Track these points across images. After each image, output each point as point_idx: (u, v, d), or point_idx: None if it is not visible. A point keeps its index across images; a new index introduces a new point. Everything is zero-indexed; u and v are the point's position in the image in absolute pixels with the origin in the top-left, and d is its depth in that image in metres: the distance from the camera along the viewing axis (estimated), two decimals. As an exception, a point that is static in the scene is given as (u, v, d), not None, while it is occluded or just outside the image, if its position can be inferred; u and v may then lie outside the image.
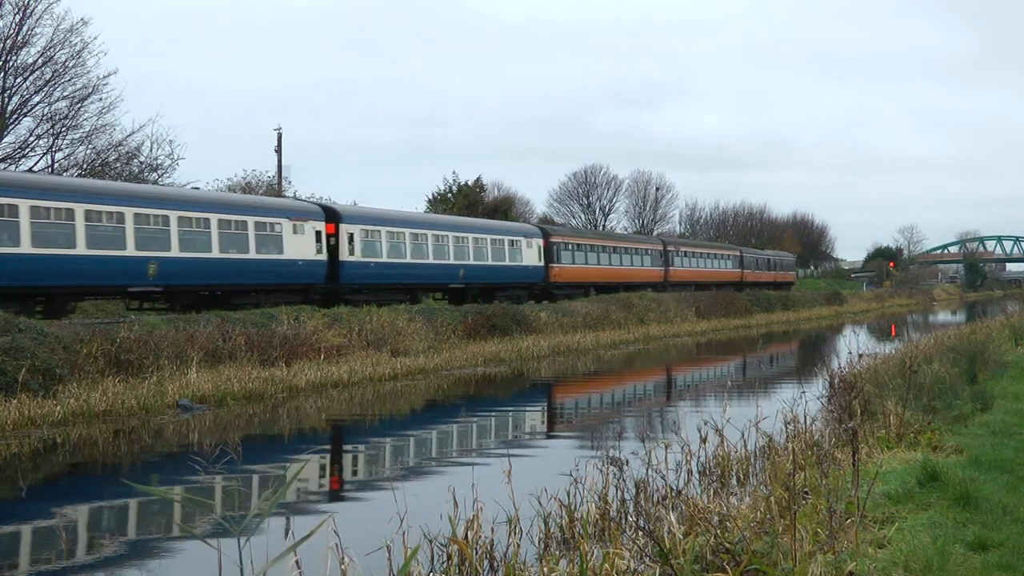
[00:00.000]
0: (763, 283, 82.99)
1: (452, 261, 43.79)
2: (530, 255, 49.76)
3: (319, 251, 36.04)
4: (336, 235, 37.01)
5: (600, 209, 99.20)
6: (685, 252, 70.49)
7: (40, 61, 40.11)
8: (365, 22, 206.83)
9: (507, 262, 47.63)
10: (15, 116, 40.25)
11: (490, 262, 46.21)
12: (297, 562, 6.29)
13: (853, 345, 22.27)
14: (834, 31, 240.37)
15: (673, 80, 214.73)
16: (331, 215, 37.42)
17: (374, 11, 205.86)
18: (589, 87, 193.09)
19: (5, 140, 40.14)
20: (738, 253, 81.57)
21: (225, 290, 32.86)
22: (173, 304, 31.21)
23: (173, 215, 30.50)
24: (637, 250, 63.04)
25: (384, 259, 39.61)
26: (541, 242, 50.81)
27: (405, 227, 41.48)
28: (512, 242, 48.43)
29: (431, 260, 42.53)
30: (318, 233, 36.02)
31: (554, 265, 51.65)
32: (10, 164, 39.21)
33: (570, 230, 61.77)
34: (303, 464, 15.85)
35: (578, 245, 55.67)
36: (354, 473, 16.38)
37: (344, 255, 37.21)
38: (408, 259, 41.09)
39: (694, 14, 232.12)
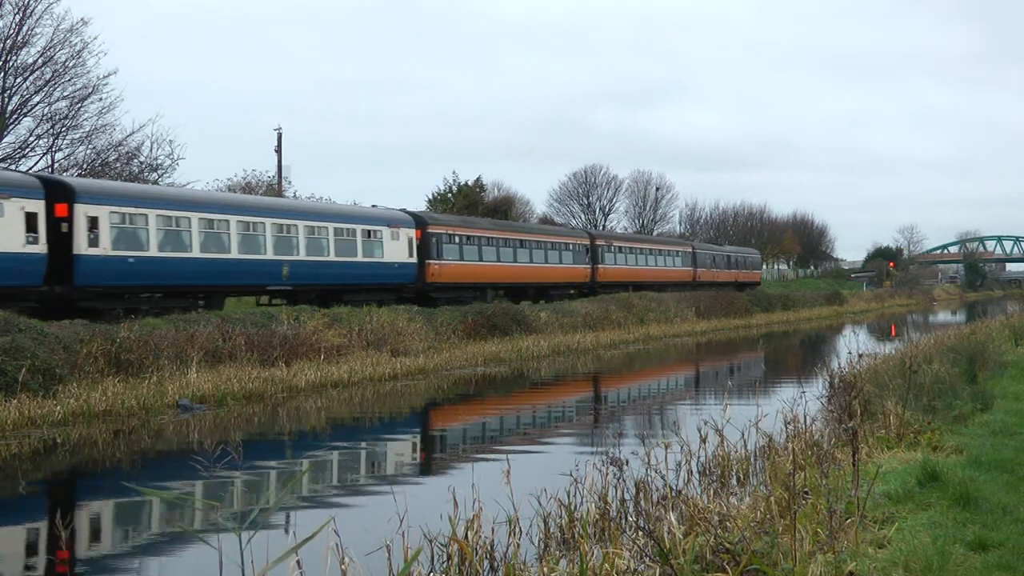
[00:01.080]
0: (721, 283, 73.37)
1: (270, 256, 34.45)
2: (396, 249, 40.10)
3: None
4: (70, 219, 27.75)
5: (600, 209, 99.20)
6: (619, 247, 60.51)
7: (40, 61, 40.11)
8: (365, 22, 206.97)
9: (359, 257, 38.75)
10: (15, 116, 40.25)
11: (331, 257, 37.29)
12: (298, 562, 6.29)
13: (853, 345, 22.28)
14: (834, 31, 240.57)
15: (673, 80, 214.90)
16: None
17: (374, 11, 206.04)
18: (589, 87, 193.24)
19: (5, 140, 40.16)
20: (690, 249, 72.34)
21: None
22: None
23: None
24: (553, 244, 52.76)
25: (149, 253, 29.79)
26: (413, 233, 41.17)
27: (190, 210, 31.45)
28: (369, 232, 39.32)
29: (235, 255, 33.04)
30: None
31: (433, 262, 43.12)
32: (10, 164, 39.20)
33: (457, 219, 49.56)
34: (307, 468, 15.84)
35: (467, 238, 46.10)
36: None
37: (81, 248, 27.73)
38: (194, 253, 31.37)
39: (694, 14, 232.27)
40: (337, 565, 7.20)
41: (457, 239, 45.09)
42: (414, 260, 41.11)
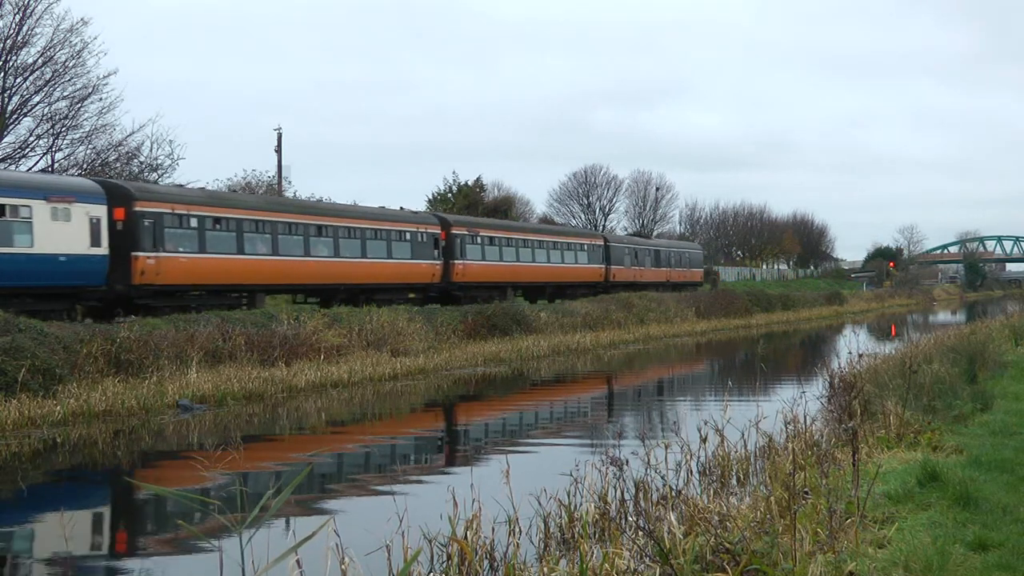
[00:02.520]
0: (646, 284, 61.00)
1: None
2: (68, 236, 26.92)
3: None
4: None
5: (600, 209, 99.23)
6: (490, 239, 46.13)
7: (40, 61, 40.11)
8: (365, 22, 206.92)
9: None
10: (15, 116, 40.24)
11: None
12: (298, 561, 6.29)
13: (853, 345, 22.28)
14: (834, 31, 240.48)
15: (673, 80, 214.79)
16: None
17: (374, 11, 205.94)
18: (589, 87, 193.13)
19: (5, 140, 40.16)
20: (601, 242, 58.58)
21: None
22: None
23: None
24: (377, 232, 38.54)
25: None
26: (102, 212, 28.09)
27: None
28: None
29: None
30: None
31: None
32: (10, 164, 39.20)
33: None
34: (308, 467, 15.84)
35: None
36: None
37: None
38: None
39: (694, 14, 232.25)
40: (337, 565, 7.20)
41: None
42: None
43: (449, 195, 71.48)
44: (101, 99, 41.85)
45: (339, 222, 37.21)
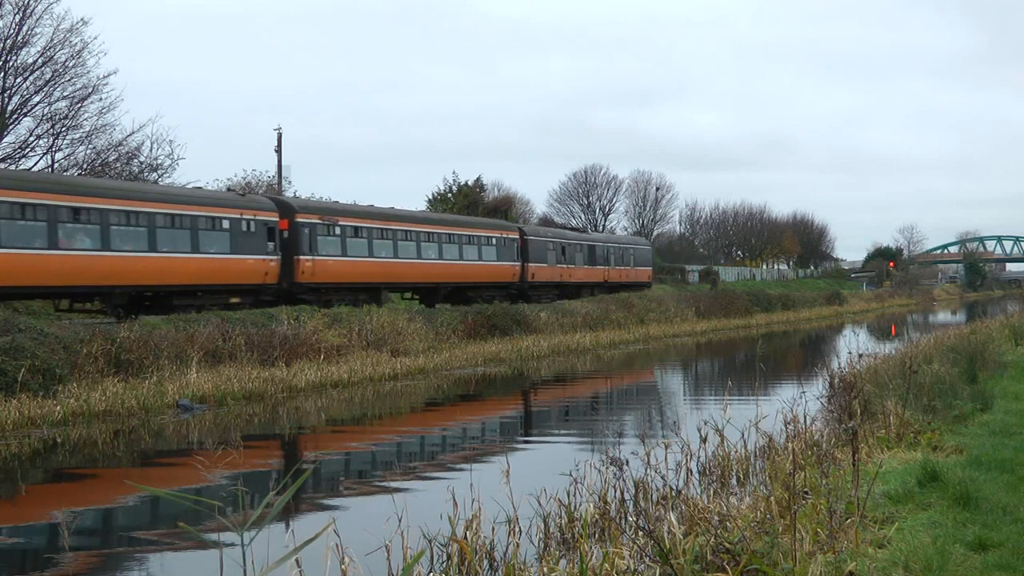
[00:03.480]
0: (576, 285, 53.55)
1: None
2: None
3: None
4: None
5: (600, 209, 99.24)
6: (355, 229, 37.47)
7: (40, 61, 40.05)
8: (364, 22, 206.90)
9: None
10: (15, 116, 40.20)
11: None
12: (297, 561, 6.29)
13: (853, 345, 22.28)
14: (834, 30, 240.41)
15: (673, 79, 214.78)
16: None
17: (373, 11, 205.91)
18: (589, 86, 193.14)
19: (5, 140, 40.12)
20: (515, 235, 48.38)
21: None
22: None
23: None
24: (176, 219, 30.57)
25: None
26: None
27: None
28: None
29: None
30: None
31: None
32: (10, 164, 39.18)
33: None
34: (311, 468, 15.84)
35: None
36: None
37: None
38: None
39: (694, 14, 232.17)
40: (337, 565, 7.20)
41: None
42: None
43: (449, 195, 71.47)
44: (101, 99, 41.81)
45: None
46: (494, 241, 46.41)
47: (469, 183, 72.76)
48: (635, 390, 28.58)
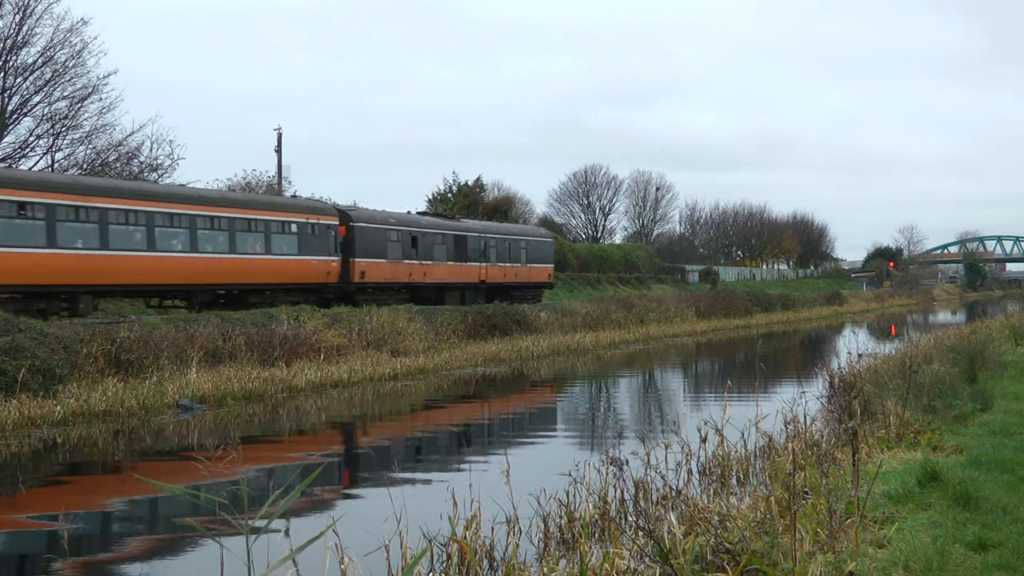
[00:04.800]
0: (436, 286, 42.70)
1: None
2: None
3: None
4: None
5: (600, 209, 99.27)
6: (25, 207, 25.96)
7: (40, 61, 40.08)
8: (364, 21, 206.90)
9: None
10: (15, 116, 40.22)
11: None
12: (294, 560, 6.29)
13: (853, 345, 22.28)
14: (834, 30, 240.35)
15: (673, 79, 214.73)
16: None
17: (373, 10, 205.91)
18: (589, 86, 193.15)
19: (5, 140, 40.13)
20: (332, 220, 36.81)
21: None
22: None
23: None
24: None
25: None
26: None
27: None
28: None
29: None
30: None
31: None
32: (10, 164, 39.18)
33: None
34: (318, 468, 15.85)
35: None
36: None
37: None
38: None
39: (694, 14, 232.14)
40: (337, 565, 7.20)
41: None
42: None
43: (449, 195, 71.50)
44: (101, 99, 41.84)
45: None
46: (293, 228, 34.97)
47: (469, 183, 72.79)
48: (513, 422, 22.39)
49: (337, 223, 37.16)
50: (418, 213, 49.37)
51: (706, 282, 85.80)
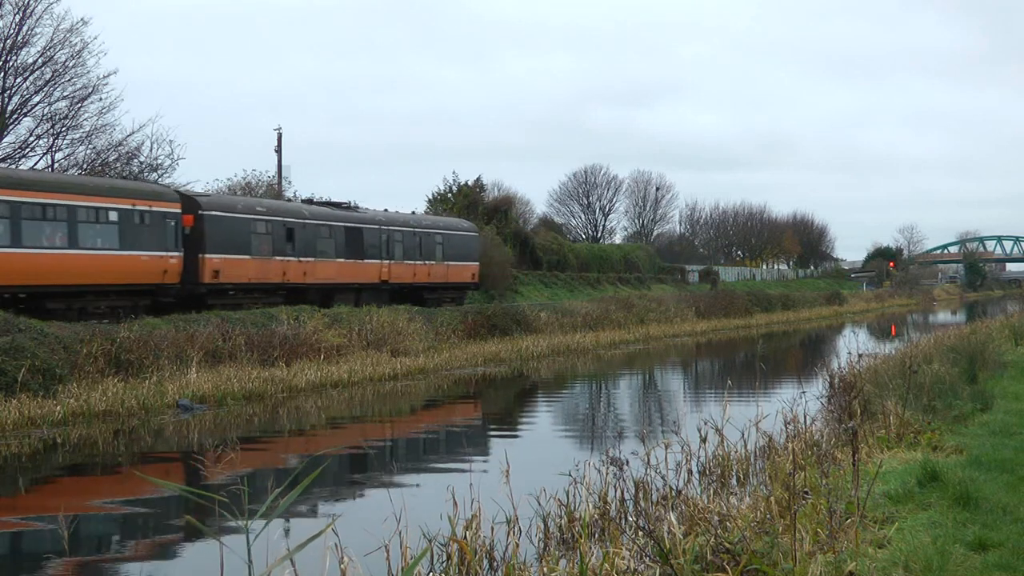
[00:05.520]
0: (322, 287, 36.58)
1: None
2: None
3: None
4: None
5: (600, 209, 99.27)
6: None
7: (40, 61, 40.05)
8: (364, 22, 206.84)
9: None
10: (15, 116, 40.20)
11: None
12: (292, 561, 6.28)
13: (853, 345, 22.28)
14: (834, 30, 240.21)
15: (673, 79, 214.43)
16: None
17: (374, 11, 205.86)
18: (589, 86, 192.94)
19: (5, 140, 40.12)
20: (174, 208, 30.77)
21: None
22: None
23: None
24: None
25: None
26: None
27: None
28: None
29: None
30: None
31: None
32: (10, 164, 39.19)
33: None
34: (318, 468, 15.84)
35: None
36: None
37: None
38: None
39: (694, 13, 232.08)
40: (337, 565, 7.20)
41: None
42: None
43: (449, 195, 71.48)
44: (101, 99, 41.78)
45: None
46: (112, 216, 28.58)
47: (469, 183, 72.77)
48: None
49: (179, 211, 30.58)
50: (303, 201, 42.31)
51: (706, 282, 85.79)
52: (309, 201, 41.71)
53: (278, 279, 34.35)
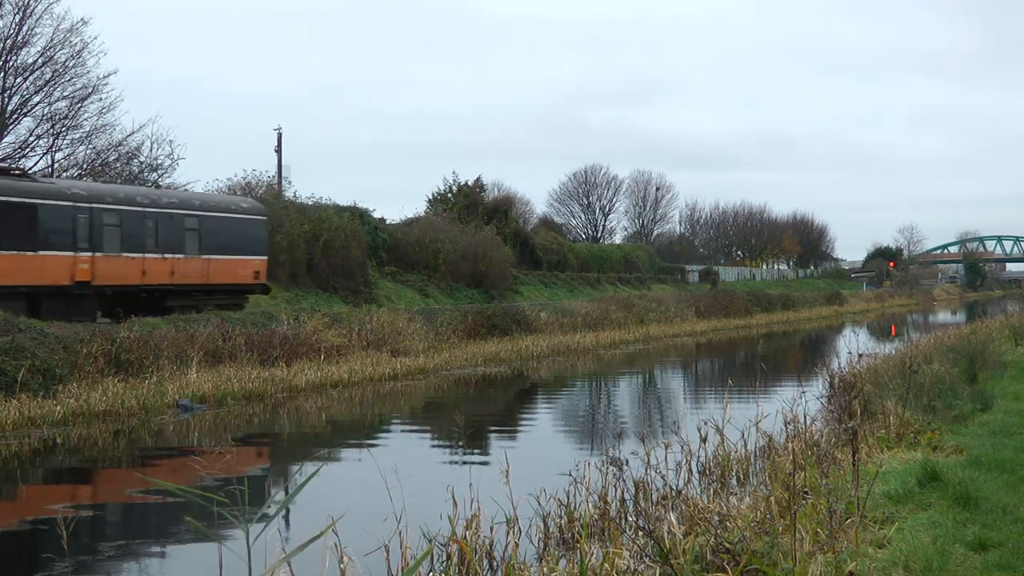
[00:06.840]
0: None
1: None
2: None
3: None
4: None
5: (600, 209, 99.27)
6: None
7: (40, 61, 40.06)
8: (364, 21, 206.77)
9: None
10: (15, 116, 40.21)
11: None
12: (289, 564, 6.29)
13: (853, 345, 22.28)
14: (834, 29, 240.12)
15: (672, 79, 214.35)
16: None
17: (373, 11, 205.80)
18: (588, 86, 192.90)
19: (5, 140, 40.13)
20: None
21: None
22: None
23: None
24: None
25: None
26: None
27: None
28: None
29: None
30: None
31: None
32: (10, 164, 39.18)
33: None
34: (317, 468, 15.84)
35: None
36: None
37: None
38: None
39: (694, 13, 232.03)
40: (337, 565, 7.19)
41: None
42: None
43: (449, 195, 71.48)
44: (101, 99, 41.78)
45: None
46: None
47: (469, 183, 72.75)
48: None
49: None
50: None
51: (706, 282, 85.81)
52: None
53: None
